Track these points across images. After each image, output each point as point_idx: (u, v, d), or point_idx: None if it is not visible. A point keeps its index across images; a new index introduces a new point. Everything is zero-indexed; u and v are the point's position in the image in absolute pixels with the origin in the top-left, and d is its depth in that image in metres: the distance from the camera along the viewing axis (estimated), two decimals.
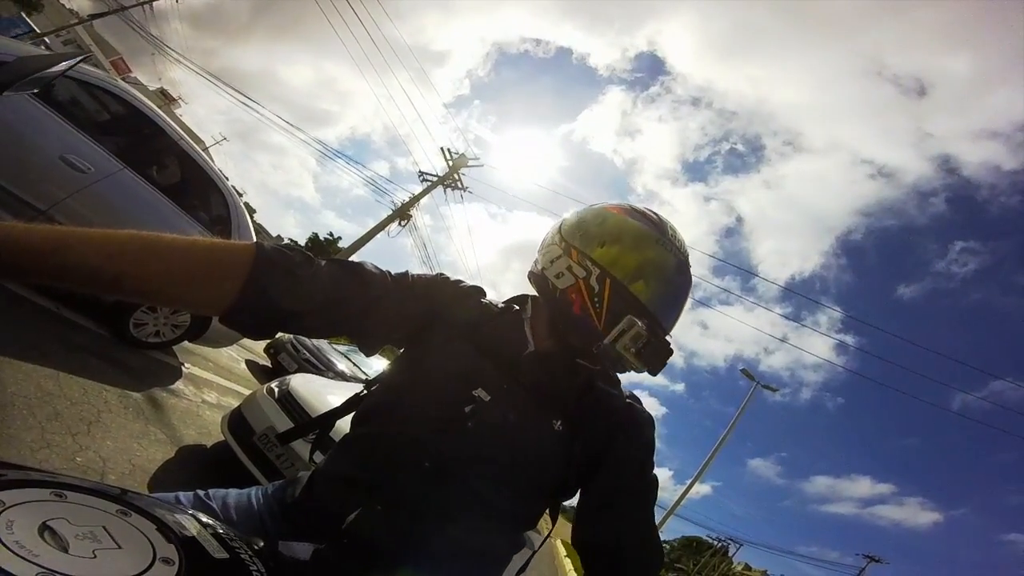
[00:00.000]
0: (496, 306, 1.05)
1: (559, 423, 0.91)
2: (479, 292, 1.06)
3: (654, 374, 0.88)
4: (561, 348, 0.98)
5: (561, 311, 0.96)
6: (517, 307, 1.06)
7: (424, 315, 0.97)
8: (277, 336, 0.93)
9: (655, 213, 1.00)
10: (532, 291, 1.05)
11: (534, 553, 1.02)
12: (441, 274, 1.05)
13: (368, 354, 1.02)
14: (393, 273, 0.98)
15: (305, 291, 0.84)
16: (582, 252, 0.95)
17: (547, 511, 0.98)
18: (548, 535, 1.14)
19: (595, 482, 0.92)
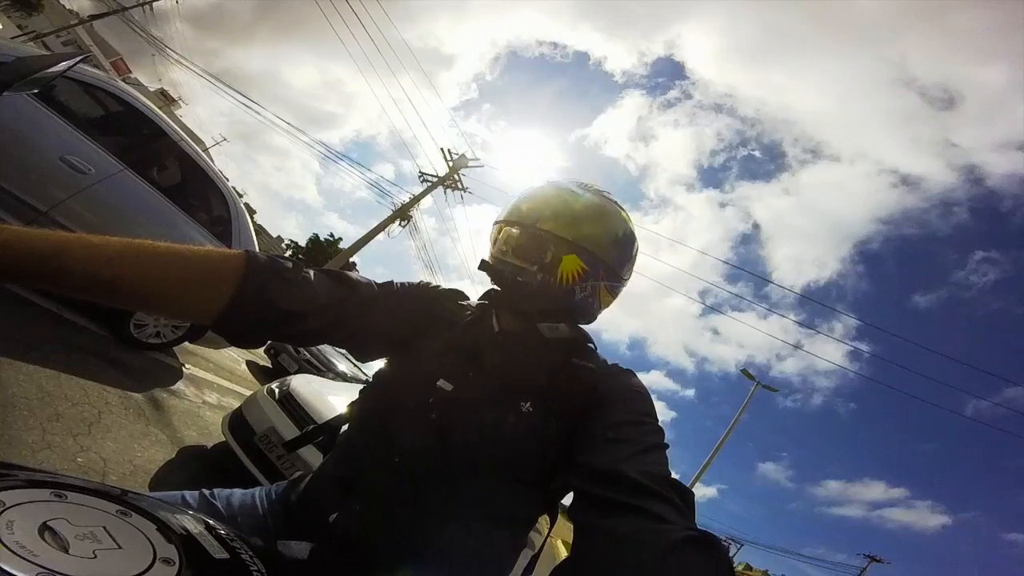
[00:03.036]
0: (472, 305, 1.07)
1: (528, 404, 0.88)
2: (458, 295, 1.09)
3: (547, 270, 0.93)
4: (522, 320, 0.98)
5: (496, 275, 1.00)
6: (487, 301, 1.07)
7: (410, 321, 1.00)
8: None
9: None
10: None
11: (536, 555, 1.00)
12: (423, 281, 1.09)
13: (360, 359, 1.06)
14: (378, 283, 1.01)
15: (296, 297, 0.86)
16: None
17: (546, 514, 0.97)
18: (548, 533, 1.10)
19: (579, 457, 0.82)
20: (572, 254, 0.93)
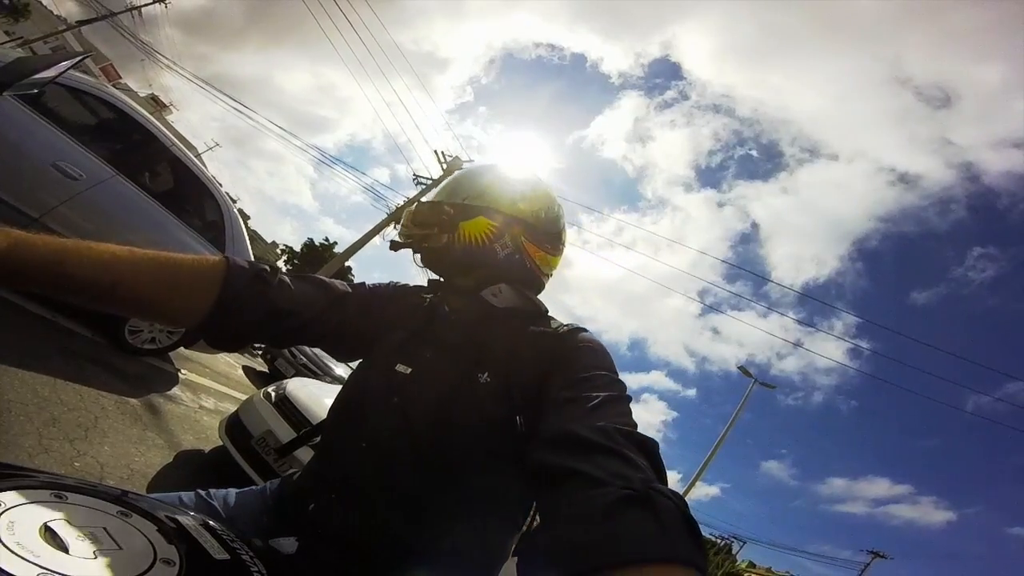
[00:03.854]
0: (431, 295, 1.08)
1: (485, 375, 0.86)
2: (421, 289, 1.12)
3: (447, 228, 0.96)
4: (466, 294, 1.00)
5: (405, 248, 1.04)
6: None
7: (380, 319, 1.03)
8: None
9: None
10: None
11: (526, 534, 0.98)
12: (393, 281, 1.14)
13: (338, 359, 1.11)
14: (352, 284, 1.07)
15: (274, 298, 0.90)
16: None
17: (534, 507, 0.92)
18: (531, 515, 1.03)
19: (539, 426, 0.76)
20: (478, 217, 0.97)
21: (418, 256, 1.04)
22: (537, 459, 0.69)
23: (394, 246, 1.04)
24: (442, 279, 1.06)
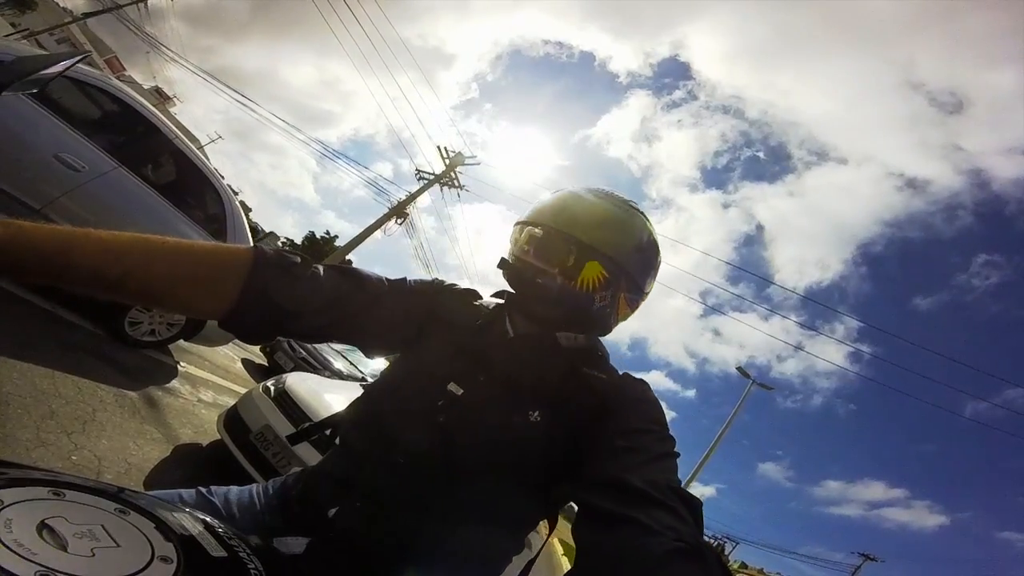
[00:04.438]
0: (488, 306, 1.05)
1: (536, 413, 0.87)
2: (473, 295, 1.08)
3: (568, 275, 0.92)
4: (537, 326, 0.98)
5: (515, 275, 0.99)
6: (502, 301, 1.06)
7: (420, 318, 0.99)
8: None
9: None
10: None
11: (534, 558, 1.00)
12: (437, 279, 1.08)
13: (368, 355, 1.06)
14: (390, 278, 1.00)
15: (304, 292, 0.85)
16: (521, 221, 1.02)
17: (545, 519, 0.96)
18: (547, 539, 1.07)
19: (586, 467, 0.80)
20: (594, 260, 0.92)
21: (511, 265, 0.99)
22: (585, 499, 0.72)
23: (505, 266, 0.99)
24: (520, 301, 1.01)
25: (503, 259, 1.00)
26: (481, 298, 1.08)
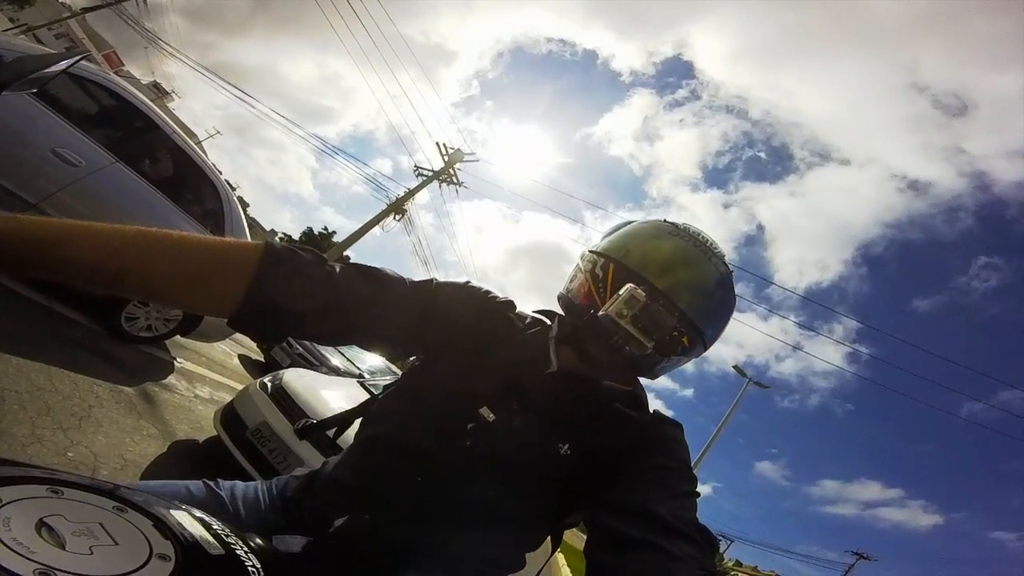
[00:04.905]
0: (524, 321, 1.00)
1: (567, 447, 0.86)
2: (508, 306, 0.99)
3: (661, 350, 0.87)
4: (585, 366, 0.92)
5: (573, 310, 0.94)
6: (548, 322, 1.00)
7: (445, 325, 0.91)
8: None
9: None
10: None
11: (538, 573, 0.99)
12: (468, 282, 0.99)
13: (391, 362, 1.04)
14: (414, 280, 0.92)
15: (315, 291, 0.79)
16: (591, 251, 0.97)
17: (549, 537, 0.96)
18: (551, 555, 1.06)
19: (610, 495, 0.80)
20: (687, 335, 0.90)
21: (576, 293, 0.94)
22: (608, 523, 0.76)
23: (592, 323, 0.87)
24: (577, 331, 0.94)
25: (604, 315, 0.86)
26: (515, 308, 1.01)
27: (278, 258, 0.77)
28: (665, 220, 0.99)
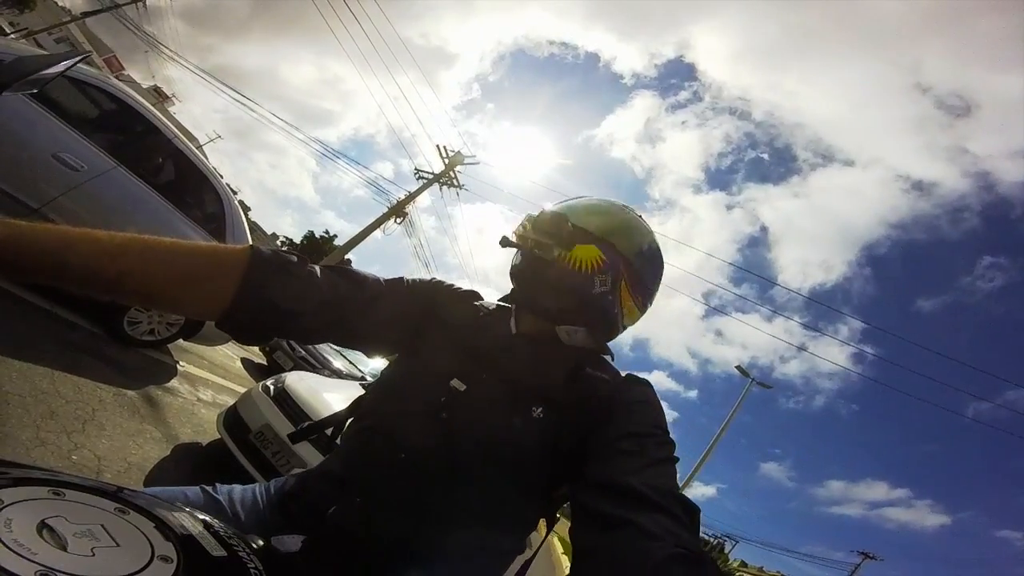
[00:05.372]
0: (489, 307, 1.05)
1: (540, 410, 0.86)
2: (473, 295, 1.08)
3: (567, 259, 0.94)
4: (541, 321, 0.98)
5: (517, 264, 1.01)
6: (508, 304, 1.06)
7: (419, 317, 0.99)
8: None
9: None
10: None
11: (532, 557, 0.99)
12: (435, 279, 1.07)
13: (369, 356, 1.07)
14: (386, 278, 1.00)
15: (301, 291, 0.85)
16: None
17: (544, 518, 0.96)
18: (545, 537, 1.07)
19: (586, 469, 0.79)
20: (591, 244, 0.94)
21: (515, 261, 1.02)
22: (584, 501, 0.73)
23: (504, 242, 1.00)
24: (522, 293, 1.02)
25: (504, 236, 1.00)
26: (482, 299, 1.08)
27: (265, 259, 0.83)
28: None
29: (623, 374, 0.96)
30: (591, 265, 0.94)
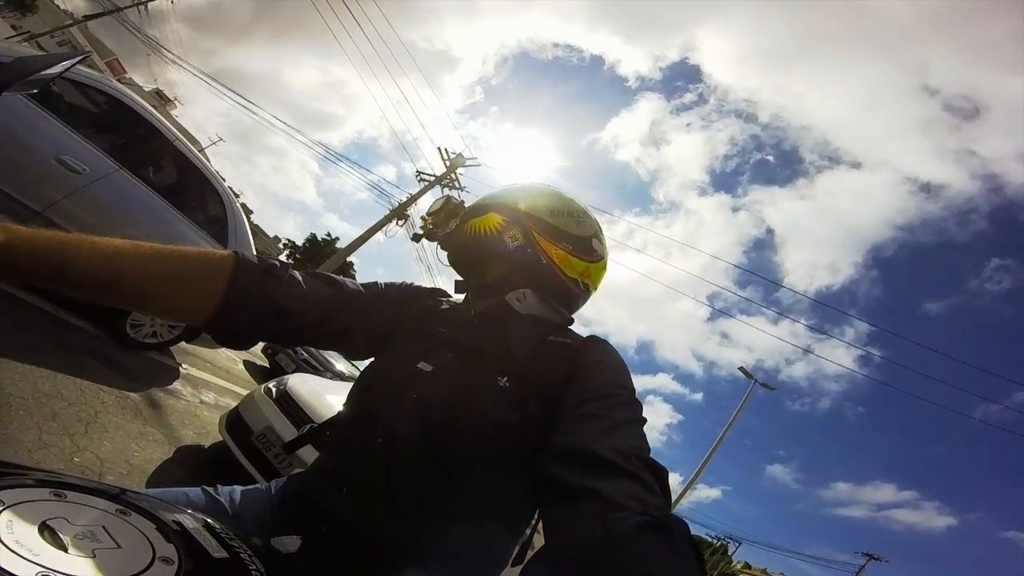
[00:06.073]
0: (453, 300, 1.12)
1: (504, 379, 0.86)
2: (438, 292, 1.15)
3: (472, 231, 1.03)
4: (491, 296, 1.03)
5: (447, 254, 1.12)
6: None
7: (394, 318, 1.03)
8: None
9: None
10: None
11: (528, 540, 0.98)
12: (406, 281, 1.13)
13: (349, 358, 1.11)
14: (364, 283, 1.06)
15: (283, 295, 0.89)
16: None
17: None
18: (537, 520, 1.04)
19: (552, 438, 0.75)
20: (488, 213, 1.03)
21: (445, 256, 1.10)
22: (548, 472, 0.69)
23: (415, 238, 1.08)
24: (467, 279, 1.08)
25: (415, 233, 1.17)
26: (449, 296, 1.14)
27: (249, 262, 0.88)
28: None
29: (583, 336, 0.97)
30: (495, 227, 1.01)
